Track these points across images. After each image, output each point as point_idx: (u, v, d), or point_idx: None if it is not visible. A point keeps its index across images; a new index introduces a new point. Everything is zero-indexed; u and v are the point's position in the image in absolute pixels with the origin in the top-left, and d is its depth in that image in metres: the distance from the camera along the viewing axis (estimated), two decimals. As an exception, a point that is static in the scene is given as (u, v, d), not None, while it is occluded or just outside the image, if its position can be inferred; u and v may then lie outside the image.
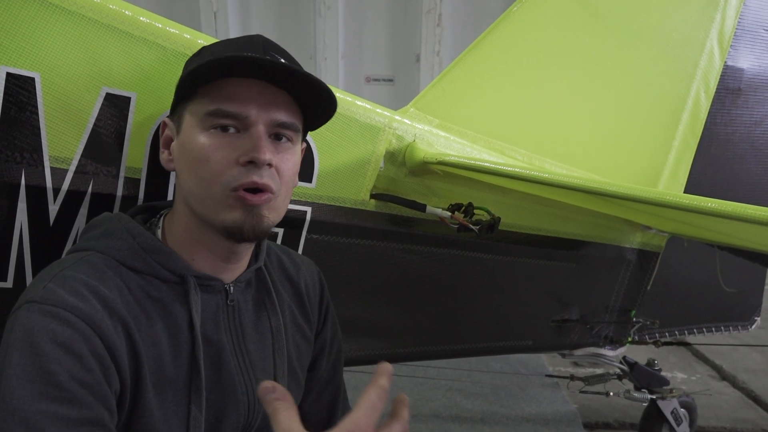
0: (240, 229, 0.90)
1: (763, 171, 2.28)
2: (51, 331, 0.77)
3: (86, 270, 0.86)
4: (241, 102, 0.89)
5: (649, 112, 2.02)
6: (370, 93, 6.18)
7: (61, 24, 1.00)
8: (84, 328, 0.79)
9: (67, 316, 0.79)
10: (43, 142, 1.02)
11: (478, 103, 1.75)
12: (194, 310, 0.93)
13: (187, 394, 0.92)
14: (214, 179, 0.88)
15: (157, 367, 0.89)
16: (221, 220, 0.90)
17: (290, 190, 0.98)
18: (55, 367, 0.75)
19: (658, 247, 2.18)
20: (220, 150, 0.88)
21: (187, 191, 0.93)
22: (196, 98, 0.91)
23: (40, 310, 0.78)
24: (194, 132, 0.90)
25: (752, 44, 2.14)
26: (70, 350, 0.77)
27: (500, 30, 1.75)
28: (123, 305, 0.86)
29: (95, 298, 0.83)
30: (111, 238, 0.93)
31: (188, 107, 0.92)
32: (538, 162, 1.84)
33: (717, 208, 0.98)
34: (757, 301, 2.55)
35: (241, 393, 0.99)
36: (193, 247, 0.96)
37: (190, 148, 0.90)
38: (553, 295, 2.04)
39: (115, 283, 0.87)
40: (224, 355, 0.97)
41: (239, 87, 0.89)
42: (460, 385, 3.06)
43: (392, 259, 1.58)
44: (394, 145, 1.48)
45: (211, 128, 0.89)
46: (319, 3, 5.83)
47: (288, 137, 0.94)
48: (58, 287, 0.81)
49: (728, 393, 3.33)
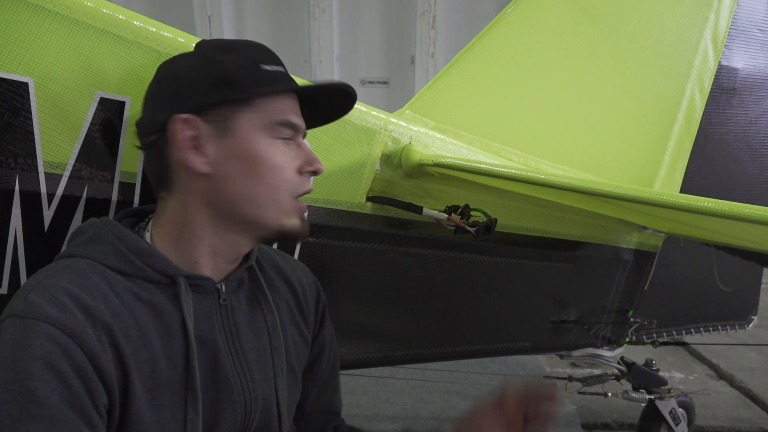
0: (296, 234, 0.99)
1: (758, 170, 2.29)
2: (30, 346, 0.76)
3: (70, 278, 0.85)
4: (296, 114, 0.99)
5: (644, 112, 2.03)
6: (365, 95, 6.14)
7: (55, 28, 0.99)
8: (64, 341, 0.78)
9: (47, 329, 0.78)
10: (37, 147, 1.01)
11: (474, 105, 1.75)
12: (186, 311, 0.92)
13: (183, 396, 0.91)
14: (283, 186, 0.95)
15: (150, 371, 0.88)
16: (281, 225, 0.97)
17: None
18: (35, 384, 0.75)
19: (655, 247, 2.19)
20: (290, 160, 0.96)
21: (242, 196, 0.95)
22: (254, 105, 0.94)
23: (21, 325, 0.78)
24: (260, 139, 0.94)
25: (746, 44, 2.15)
26: (50, 365, 0.76)
27: (495, 32, 1.75)
28: (108, 312, 0.85)
29: (77, 308, 0.81)
30: (97, 243, 0.92)
31: (242, 112, 0.93)
32: (534, 163, 1.84)
33: (713, 207, 0.99)
34: (754, 300, 2.56)
35: (238, 394, 0.98)
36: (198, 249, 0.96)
37: (259, 155, 0.94)
38: (550, 296, 2.04)
39: (99, 289, 0.86)
40: (219, 355, 0.96)
41: (292, 100, 0.99)
42: (458, 387, 3.05)
43: (389, 262, 1.58)
44: (390, 148, 1.48)
45: (276, 137, 0.95)
46: (313, 6, 5.83)
47: None
48: (39, 297, 0.80)
49: (726, 392, 3.34)
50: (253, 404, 1.00)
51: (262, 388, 1.02)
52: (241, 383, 0.99)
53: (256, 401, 1.00)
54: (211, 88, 0.93)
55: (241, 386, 0.98)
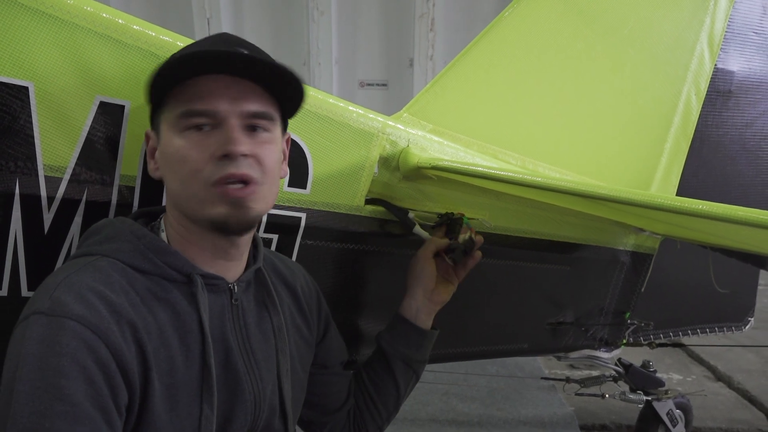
0: (225, 222, 0.92)
1: (754, 172, 2.30)
2: (57, 344, 0.77)
3: (93, 274, 0.86)
4: (209, 99, 0.90)
5: (640, 114, 2.03)
6: (364, 97, 6.19)
7: (55, 33, 1.00)
8: (90, 338, 0.80)
9: (73, 326, 0.79)
10: (37, 151, 1.02)
11: (471, 108, 1.76)
12: (203, 310, 0.94)
13: (199, 394, 0.92)
14: (193, 177, 0.90)
15: (169, 368, 0.89)
16: (207, 216, 0.92)
17: (276, 179, 0.99)
18: (61, 381, 0.76)
19: (652, 249, 2.19)
20: (195, 148, 0.90)
21: (174, 194, 0.95)
22: (167, 104, 0.93)
23: (48, 322, 0.79)
24: (171, 136, 0.92)
25: (742, 47, 2.16)
26: (77, 362, 0.77)
27: (492, 35, 1.76)
28: (131, 308, 0.86)
29: (102, 304, 0.83)
30: (115, 241, 0.93)
31: (162, 114, 0.94)
32: (531, 165, 1.85)
33: (707, 210, 0.99)
34: (751, 302, 2.56)
35: (249, 393, 0.99)
36: (190, 249, 0.97)
37: (169, 152, 0.93)
38: (547, 298, 2.05)
39: (121, 286, 0.88)
40: (232, 355, 0.98)
41: (205, 85, 0.91)
42: (457, 389, 3.06)
43: (388, 264, 1.59)
44: (388, 151, 1.48)
45: (185, 129, 0.91)
46: (312, 8, 5.85)
47: (263, 127, 0.95)
48: (65, 294, 0.82)
49: (724, 394, 3.34)
50: (262, 403, 1.01)
51: (269, 388, 1.03)
52: (252, 383, 1.00)
53: (265, 401, 1.01)
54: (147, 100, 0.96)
55: (251, 385, 0.99)
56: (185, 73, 0.91)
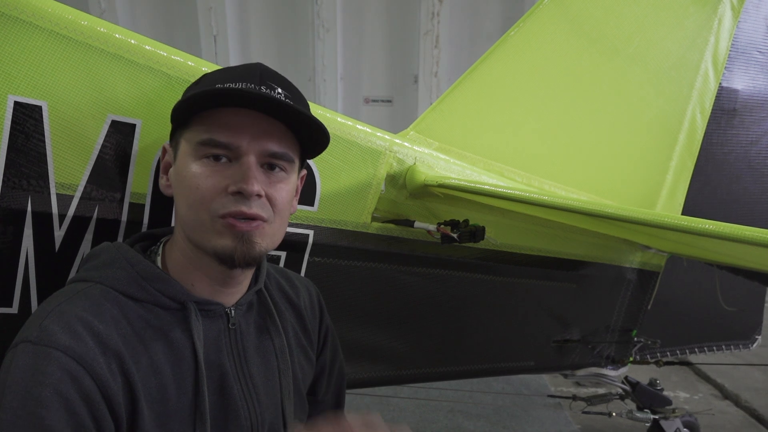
0: (231, 256, 0.91)
1: (760, 190, 2.30)
2: (42, 374, 0.77)
3: (84, 304, 0.86)
4: (233, 132, 0.90)
5: (646, 133, 2.04)
6: (368, 114, 6.23)
7: (68, 53, 1.02)
8: (75, 368, 0.80)
9: (59, 356, 0.79)
10: (49, 169, 1.03)
11: (477, 126, 1.77)
12: (196, 337, 0.94)
13: (192, 422, 0.92)
14: (202, 206, 0.90)
15: (160, 396, 0.89)
16: (212, 246, 0.91)
17: (286, 217, 0.98)
18: (42, 412, 0.76)
19: (658, 267, 2.19)
20: (210, 178, 0.90)
21: (181, 217, 0.95)
22: (191, 126, 0.93)
23: (34, 351, 0.79)
24: (188, 160, 0.92)
25: (746, 66, 2.17)
26: (59, 393, 0.77)
27: (498, 53, 1.77)
28: (119, 339, 0.86)
29: (89, 335, 0.83)
30: (110, 268, 0.93)
31: (184, 134, 0.94)
32: (537, 183, 1.85)
33: (714, 229, 0.99)
34: (758, 320, 2.55)
35: (245, 418, 0.98)
36: (192, 272, 0.97)
37: (183, 175, 0.92)
38: (554, 315, 2.04)
39: (112, 316, 0.87)
40: (227, 380, 0.97)
41: (233, 117, 0.91)
42: (463, 407, 3.04)
43: (394, 281, 1.59)
44: (395, 168, 1.49)
45: (203, 157, 0.91)
46: (317, 25, 5.90)
47: (281, 167, 0.95)
48: (54, 323, 0.82)
49: (731, 412, 3.32)
50: (260, 428, 1.00)
51: (269, 411, 1.03)
52: (248, 407, 0.99)
53: (263, 425, 1.01)
54: (172, 116, 0.96)
55: (248, 410, 0.99)
56: (215, 102, 0.91)
